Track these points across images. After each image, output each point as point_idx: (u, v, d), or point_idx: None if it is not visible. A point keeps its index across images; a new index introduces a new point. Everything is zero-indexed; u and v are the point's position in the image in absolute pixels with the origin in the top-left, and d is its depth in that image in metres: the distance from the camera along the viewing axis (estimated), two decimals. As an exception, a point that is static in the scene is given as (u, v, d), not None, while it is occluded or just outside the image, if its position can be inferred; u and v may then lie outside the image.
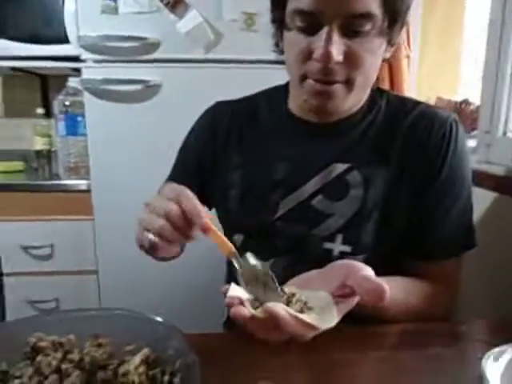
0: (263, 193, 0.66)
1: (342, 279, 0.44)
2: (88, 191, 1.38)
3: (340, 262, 0.48)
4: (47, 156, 1.66)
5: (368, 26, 0.54)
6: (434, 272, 0.63)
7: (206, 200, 0.74)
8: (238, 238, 0.69)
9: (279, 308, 0.38)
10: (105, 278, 1.40)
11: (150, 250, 0.52)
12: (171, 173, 0.78)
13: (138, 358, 0.37)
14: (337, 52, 0.53)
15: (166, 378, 0.36)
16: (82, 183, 1.42)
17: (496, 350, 0.45)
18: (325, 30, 0.53)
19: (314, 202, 0.64)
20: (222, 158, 0.70)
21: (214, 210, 0.75)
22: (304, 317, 0.39)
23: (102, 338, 0.42)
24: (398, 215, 0.63)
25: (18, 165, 1.72)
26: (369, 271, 0.44)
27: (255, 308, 0.40)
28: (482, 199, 0.91)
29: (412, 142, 0.63)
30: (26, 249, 1.43)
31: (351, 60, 0.55)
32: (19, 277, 1.45)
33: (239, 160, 0.69)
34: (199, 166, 0.73)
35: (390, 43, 0.60)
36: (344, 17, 0.52)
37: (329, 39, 0.53)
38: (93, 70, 1.29)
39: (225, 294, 0.42)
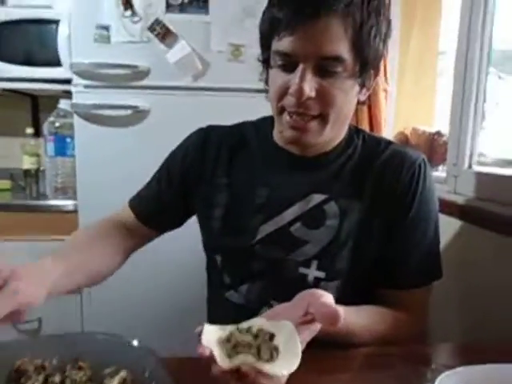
0: (245, 216, 0.70)
1: (305, 308, 0.47)
2: (75, 211, 1.40)
3: (306, 291, 0.51)
4: (35, 175, 1.68)
5: (339, 68, 0.60)
6: (404, 300, 0.68)
7: (186, 213, 0.79)
8: (217, 258, 0.73)
9: (245, 366, 0.41)
10: (87, 298, 1.40)
11: None
12: (153, 178, 0.80)
13: (115, 381, 0.40)
14: (309, 88, 0.59)
15: (141, 398, 0.39)
16: (69, 203, 1.44)
17: (445, 374, 0.49)
18: (299, 68, 0.59)
19: (292, 228, 0.68)
20: (209, 177, 0.74)
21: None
22: (269, 367, 0.41)
23: (81, 361, 0.44)
24: (371, 245, 0.68)
25: (5, 183, 1.73)
26: (328, 298, 0.47)
27: (227, 352, 0.43)
28: (448, 227, 0.97)
29: (384, 180, 0.68)
30: (9, 268, 1.43)
31: (323, 96, 0.61)
32: None
33: (226, 181, 0.73)
34: (183, 178, 0.76)
35: (364, 86, 0.66)
36: (317, 58, 0.59)
37: (302, 77, 0.59)
38: (83, 95, 1.33)
39: (199, 334, 0.44)
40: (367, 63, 0.63)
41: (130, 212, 0.80)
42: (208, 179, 0.74)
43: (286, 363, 0.41)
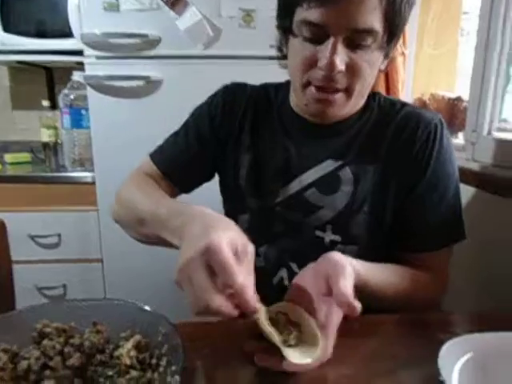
0: (267, 178, 0.71)
1: (327, 281, 0.49)
2: (93, 183, 1.43)
3: (327, 258, 0.51)
4: (54, 148, 1.72)
5: (370, 41, 0.58)
6: (425, 262, 0.68)
7: (210, 172, 0.78)
8: (243, 217, 0.74)
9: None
10: (109, 265, 1.46)
11: None
12: (178, 134, 0.77)
13: (129, 344, 0.42)
14: (340, 62, 0.57)
15: (154, 360, 0.41)
16: (87, 175, 1.48)
17: (452, 341, 0.50)
18: (330, 41, 0.57)
19: (306, 194, 0.69)
20: (236, 137, 0.74)
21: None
22: (292, 354, 0.43)
23: (100, 325, 0.47)
24: (387, 209, 0.68)
25: (25, 156, 1.77)
26: (346, 279, 0.47)
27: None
28: (465, 195, 0.95)
29: (399, 141, 0.67)
30: (33, 238, 1.50)
31: (352, 70, 0.60)
32: (27, 265, 1.52)
33: (249, 143, 0.73)
34: (213, 138, 0.75)
35: (386, 56, 0.65)
36: (349, 31, 0.57)
37: (334, 50, 0.57)
38: (95, 66, 1.33)
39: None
40: (395, 34, 0.61)
41: (152, 166, 0.76)
42: (235, 139, 0.74)
43: (310, 351, 0.44)
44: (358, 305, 0.44)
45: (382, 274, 0.61)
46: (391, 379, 0.48)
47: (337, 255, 0.51)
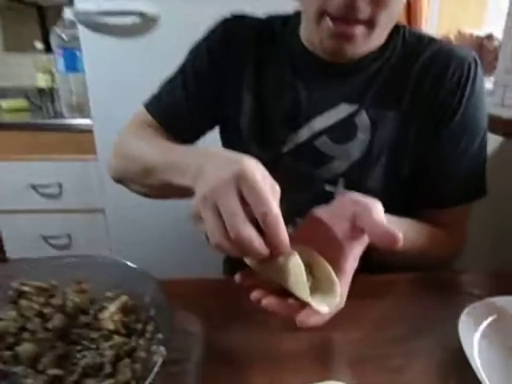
0: (273, 124, 0.64)
1: (351, 219, 0.40)
2: (91, 131, 1.37)
3: (348, 197, 0.43)
4: (50, 94, 1.64)
5: None
6: (443, 219, 0.62)
7: (213, 120, 0.70)
8: None
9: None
10: (112, 215, 1.43)
11: None
12: (174, 78, 0.69)
13: (113, 307, 0.38)
14: None
15: (140, 325, 0.37)
16: (85, 123, 1.41)
17: (475, 304, 0.45)
18: None
19: (317, 142, 0.62)
20: (236, 77, 0.66)
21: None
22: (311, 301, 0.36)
23: (84, 283, 0.43)
24: (406, 161, 0.61)
25: (21, 102, 1.70)
26: (379, 212, 0.40)
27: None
28: (490, 144, 0.87)
29: (425, 82, 0.59)
30: (34, 187, 1.47)
31: None
32: (30, 214, 1.50)
33: (252, 83, 0.65)
34: (212, 79, 0.67)
35: None
36: None
37: None
38: (86, 2, 1.21)
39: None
40: None
41: (148, 117, 0.69)
42: (235, 78, 0.66)
43: (326, 299, 0.37)
44: (398, 233, 0.37)
45: (400, 228, 0.55)
46: (403, 345, 0.44)
47: (359, 195, 0.43)
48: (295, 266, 0.36)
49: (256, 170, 0.36)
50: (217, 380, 0.39)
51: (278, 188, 0.38)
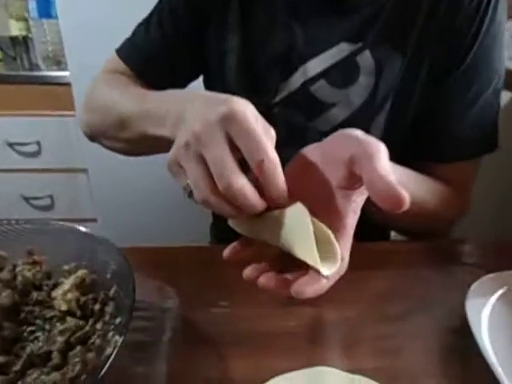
0: (262, 68, 0.56)
1: (347, 164, 0.31)
2: (69, 84, 1.27)
3: (344, 135, 0.33)
4: (24, 43, 1.51)
5: None
6: (448, 175, 0.56)
7: (194, 67, 0.61)
8: None
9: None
10: (94, 175, 1.36)
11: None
12: (148, 21, 0.60)
13: (68, 283, 0.32)
14: None
15: (98, 306, 0.31)
16: (62, 75, 1.31)
17: (484, 278, 0.40)
18: None
19: (314, 87, 0.54)
20: (221, 13, 0.57)
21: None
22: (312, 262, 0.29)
23: (37, 255, 0.37)
24: (412, 107, 0.55)
25: (-7, 53, 1.57)
26: (382, 160, 0.29)
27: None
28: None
29: (440, 8, 0.51)
30: (11, 145, 1.38)
31: None
32: (9, 174, 1.43)
33: (238, 20, 0.56)
34: (192, 17, 0.58)
35: None
36: None
37: None
38: None
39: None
40: None
41: (121, 65, 0.60)
42: (217, 17, 0.57)
43: (326, 262, 0.29)
44: (405, 193, 0.28)
45: (405, 179, 0.49)
46: (402, 324, 0.39)
47: (358, 131, 0.33)
48: (298, 218, 0.29)
49: (247, 110, 0.30)
50: (192, 363, 0.35)
51: (273, 132, 0.32)
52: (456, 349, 0.37)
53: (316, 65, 0.54)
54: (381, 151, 0.30)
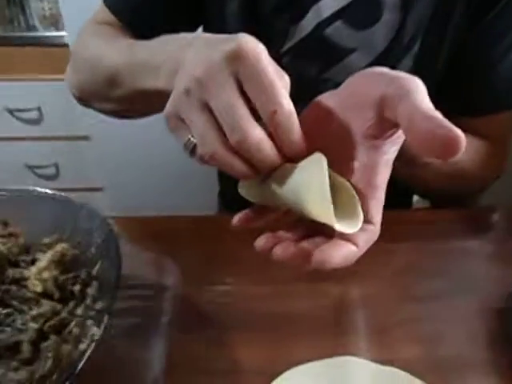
0: (268, 10, 0.49)
1: (376, 107, 0.24)
2: (67, 45, 1.19)
3: (371, 73, 0.27)
4: (19, 3, 1.43)
5: None
6: (483, 129, 0.49)
7: (193, 9, 0.53)
8: None
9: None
10: (97, 143, 1.31)
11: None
12: None
13: (43, 261, 0.27)
14: None
15: (78, 287, 0.26)
16: (60, 35, 1.23)
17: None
18: None
19: (328, 30, 0.47)
20: None
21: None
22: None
23: (13, 226, 0.32)
24: (443, 51, 0.47)
25: (-11, 14, 1.49)
26: (423, 96, 0.23)
27: None
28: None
29: None
30: (11, 112, 1.33)
31: None
32: (11, 141, 1.38)
33: None
34: None
35: None
36: None
37: None
38: None
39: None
40: None
41: (109, 15, 0.53)
42: None
43: (350, 219, 0.24)
44: (459, 131, 0.21)
45: None
46: (440, 305, 0.33)
47: (384, 68, 0.27)
48: (312, 170, 0.24)
49: (259, 49, 0.25)
50: (194, 351, 0.30)
51: (287, 78, 0.26)
52: (504, 333, 0.31)
53: (331, 3, 0.46)
54: (419, 86, 0.24)
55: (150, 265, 0.38)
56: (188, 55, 0.27)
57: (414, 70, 0.47)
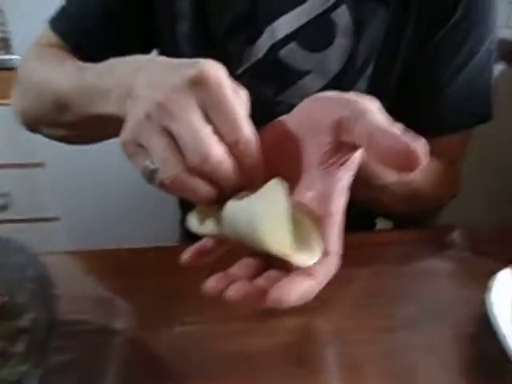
0: (221, 32, 0.47)
1: (333, 131, 0.24)
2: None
3: (319, 97, 0.27)
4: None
5: None
6: (433, 149, 0.48)
7: (145, 30, 0.52)
8: None
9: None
10: (53, 169, 1.24)
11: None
12: None
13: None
14: None
15: (4, 343, 0.22)
16: (11, 58, 1.18)
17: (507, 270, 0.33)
18: None
19: (283, 52, 0.47)
20: None
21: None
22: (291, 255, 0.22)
23: None
24: (395, 71, 0.48)
25: None
26: (380, 114, 0.23)
27: None
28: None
29: None
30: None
31: None
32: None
33: None
34: None
35: None
36: None
37: None
38: None
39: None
40: None
41: (53, 37, 0.51)
42: None
43: (307, 250, 0.22)
44: (419, 144, 0.21)
45: None
46: (412, 333, 0.32)
47: (335, 92, 0.26)
48: (270, 197, 0.22)
49: (220, 73, 0.24)
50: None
51: (244, 96, 0.26)
52: (480, 359, 0.30)
53: (285, 24, 0.46)
54: (374, 105, 0.24)
55: (98, 305, 0.34)
56: (139, 80, 0.26)
57: (369, 92, 0.47)
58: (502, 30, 0.79)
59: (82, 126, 0.39)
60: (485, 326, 0.30)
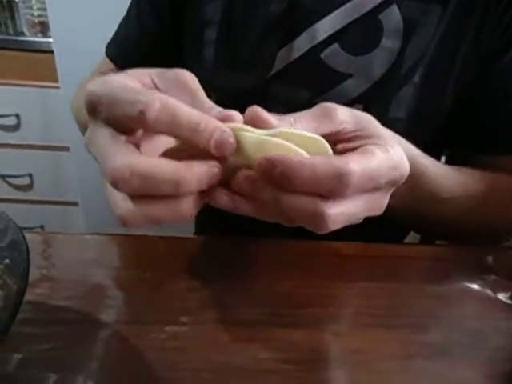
0: (253, 36, 0.44)
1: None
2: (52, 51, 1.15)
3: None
4: (8, 8, 1.39)
5: None
6: (503, 167, 0.45)
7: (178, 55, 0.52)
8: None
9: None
10: (77, 154, 1.25)
11: None
12: (128, 13, 0.53)
13: None
14: None
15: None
16: (46, 41, 1.19)
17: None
18: None
19: (324, 54, 0.43)
20: None
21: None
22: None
23: None
24: (450, 85, 0.43)
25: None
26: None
27: None
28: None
29: None
30: (-11, 117, 1.27)
31: None
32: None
33: None
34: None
35: None
36: None
37: None
38: None
39: None
40: None
41: (110, 64, 0.55)
42: None
43: None
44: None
45: (448, 172, 0.40)
46: (438, 364, 0.27)
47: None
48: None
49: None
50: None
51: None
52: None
53: (326, 26, 0.42)
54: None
55: (90, 294, 0.31)
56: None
57: (415, 102, 0.43)
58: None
59: None
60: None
